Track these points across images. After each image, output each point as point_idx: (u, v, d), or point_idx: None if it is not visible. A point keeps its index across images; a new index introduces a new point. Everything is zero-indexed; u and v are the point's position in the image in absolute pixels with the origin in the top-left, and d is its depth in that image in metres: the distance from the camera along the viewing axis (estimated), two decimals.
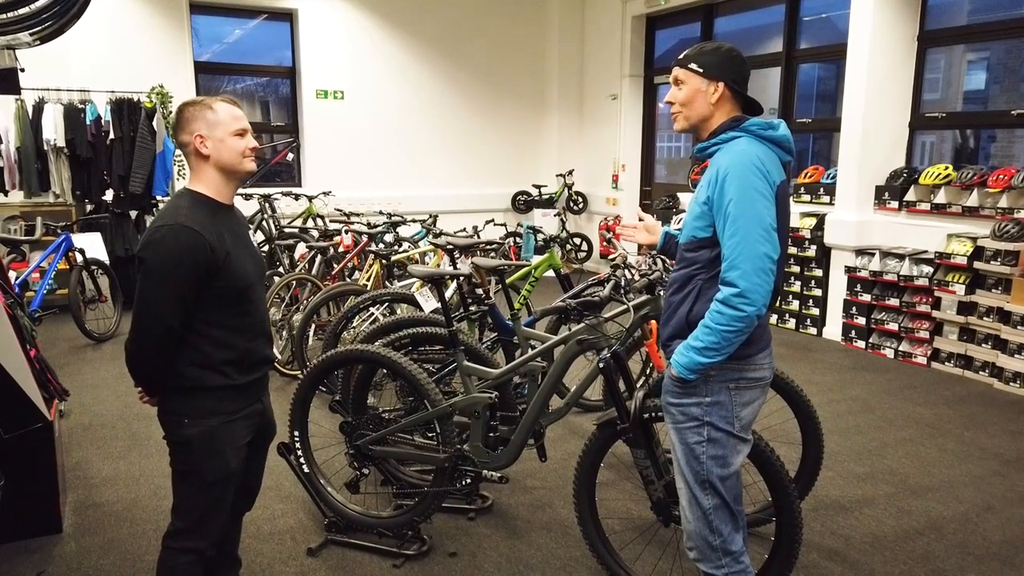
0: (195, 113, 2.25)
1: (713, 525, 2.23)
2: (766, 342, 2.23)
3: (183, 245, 2.13)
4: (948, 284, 5.88)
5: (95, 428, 4.61)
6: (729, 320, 2.04)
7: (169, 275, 2.13)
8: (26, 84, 5.86)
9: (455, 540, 3.32)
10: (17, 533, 3.26)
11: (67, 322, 6.54)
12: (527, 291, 5.32)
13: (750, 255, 2.03)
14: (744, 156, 2.08)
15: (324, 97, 9.49)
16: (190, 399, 2.26)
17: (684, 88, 2.22)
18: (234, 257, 2.24)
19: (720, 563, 2.25)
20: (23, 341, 3.38)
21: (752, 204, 2.04)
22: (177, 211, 2.20)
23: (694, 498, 2.24)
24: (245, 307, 2.32)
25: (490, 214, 9.40)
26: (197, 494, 2.32)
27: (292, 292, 5.79)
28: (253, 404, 2.39)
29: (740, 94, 2.22)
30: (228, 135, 2.26)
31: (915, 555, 3.24)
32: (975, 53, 7.27)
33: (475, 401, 3.13)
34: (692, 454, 2.22)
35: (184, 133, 2.26)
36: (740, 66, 2.21)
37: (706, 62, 2.19)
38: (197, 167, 2.29)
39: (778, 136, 2.17)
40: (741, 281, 2.02)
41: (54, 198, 7.55)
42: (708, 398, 2.18)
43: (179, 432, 2.28)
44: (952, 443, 4.48)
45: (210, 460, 2.28)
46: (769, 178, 2.09)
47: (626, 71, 9.81)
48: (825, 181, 7.29)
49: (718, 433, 2.18)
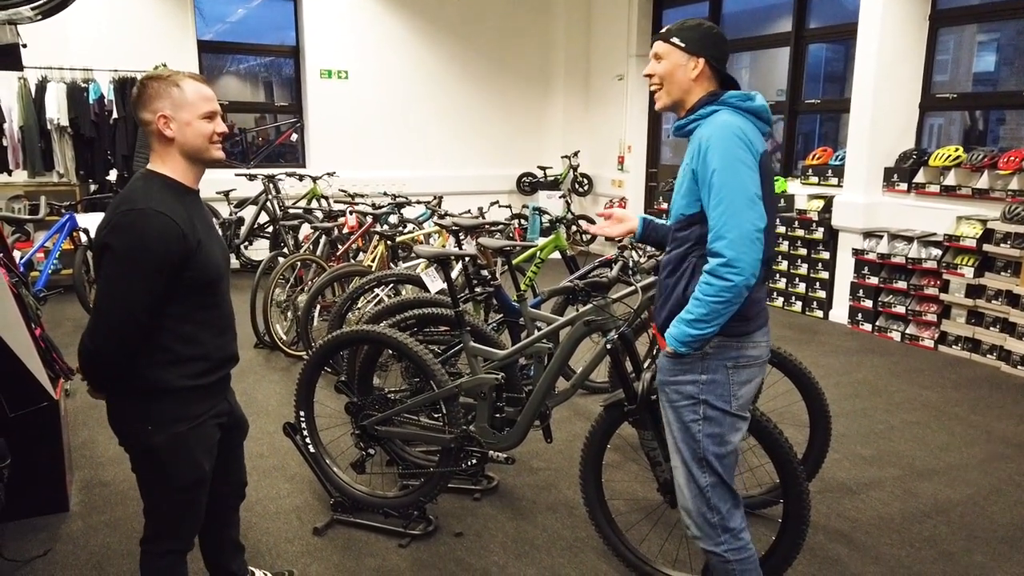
0: (159, 89, 2.04)
1: (711, 502, 2.23)
2: (764, 320, 2.22)
3: (154, 231, 1.95)
4: (957, 267, 5.83)
5: (101, 407, 4.56)
6: (718, 291, 2.02)
7: (138, 263, 1.95)
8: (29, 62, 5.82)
9: (461, 520, 3.32)
10: (25, 511, 3.27)
11: (72, 302, 6.55)
12: (533, 272, 5.30)
13: (736, 224, 2.01)
14: (726, 127, 2.08)
15: (328, 77, 9.42)
16: (151, 403, 2.09)
17: (664, 62, 2.21)
18: (205, 246, 2.08)
19: (719, 539, 2.24)
20: (28, 320, 3.37)
21: (736, 173, 2.03)
22: (146, 194, 2.00)
23: (691, 476, 2.24)
24: (214, 299, 2.17)
25: (495, 196, 9.33)
26: (166, 500, 2.19)
27: (297, 273, 5.78)
28: (219, 404, 2.25)
29: (719, 72, 2.22)
30: (195, 117, 2.06)
31: (922, 537, 3.23)
32: (985, 34, 7.18)
33: (481, 382, 3.12)
34: (688, 432, 2.22)
35: (146, 111, 2.05)
36: (721, 43, 2.21)
37: (688, 36, 2.18)
38: (160, 149, 2.09)
39: (756, 107, 2.17)
40: (727, 250, 2.00)
41: (58, 178, 7.53)
42: (704, 376, 2.17)
43: (142, 440, 2.10)
44: (959, 426, 4.47)
45: (180, 467, 2.13)
46: (752, 148, 2.08)
47: (633, 51, 9.72)
48: (833, 163, 7.22)
49: (714, 412, 2.18)
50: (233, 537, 2.62)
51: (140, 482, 2.22)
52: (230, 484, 2.49)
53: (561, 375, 3.09)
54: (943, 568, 3.01)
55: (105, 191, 7.75)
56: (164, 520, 2.23)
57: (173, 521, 2.23)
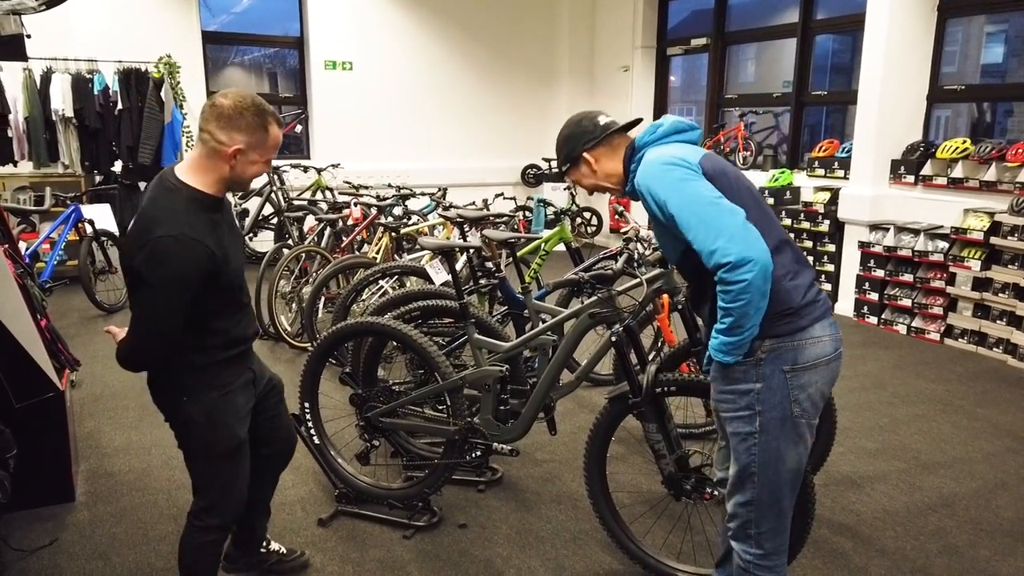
0: (252, 124, 2.09)
1: (753, 517, 2.12)
2: (822, 311, 2.06)
3: (187, 259, 2.04)
4: (963, 260, 5.80)
5: (106, 398, 4.64)
6: (736, 295, 1.88)
7: (174, 289, 2.06)
8: (33, 53, 5.84)
9: (465, 512, 3.32)
10: (31, 501, 3.28)
11: (77, 293, 6.56)
12: (538, 264, 5.29)
13: (717, 229, 1.90)
14: (648, 164, 2.08)
15: (333, 68, 9.40)
16: (185, 379, 2.25)
17: (581, 182, 2.31)
18: (231, 257, 2.21)
19: (750, 551, 2.16)
20: (33, 311, 3.38)
21: (684, 191, 1.97)
22: (174, 215, 2.06)
23: (741, 484, 2.12)
24: (236, 296, 2.31)
25: (499, 187, 9.35)
26: (211, 469, 2.33)
27: (301, 264, 5.78)
28: (245, 372, 2.39)
29: (609, 136, 2.23)
30: (261, 160, 2.18)
31: (927, 531, 3.22)
32: (994, 25, 7.13)
33: (486, 374, 3.12)
34: (743, 445, 2.07)
35: (223, 133, 2.08)
36: (577, 128, 2.25)
37: (563, 157, 2.30)
38: (210, 164, 2.13)
39: (667, 128, 2.17)
40: (726, 257, 1.87)
41: (63, 169, 7.53)
42: (759, 384, 2.01)
43: (180, 412, 2.27)
44: (965, 419, 4.46)
45: (216, 433, 2.28)
46: (685, 163, 2.02)
47: (638, 42, 9.67)
48: (840, 155, 7.19)
49: (772, 423, 2.02)
50: (265, 498, 2.74)
51: (186, 457, 2.36)
52: (277, 444, 2.62)
53: (566, 367, 3.09)
54: (948, 562, 3.00)
55: (110, 182, 7.76)
56: (211, 491, 2.35)
57: (219, 492, 2.35)
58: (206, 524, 2.35)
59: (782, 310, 1.99)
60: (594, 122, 2.25)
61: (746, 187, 2.12)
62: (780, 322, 1.99)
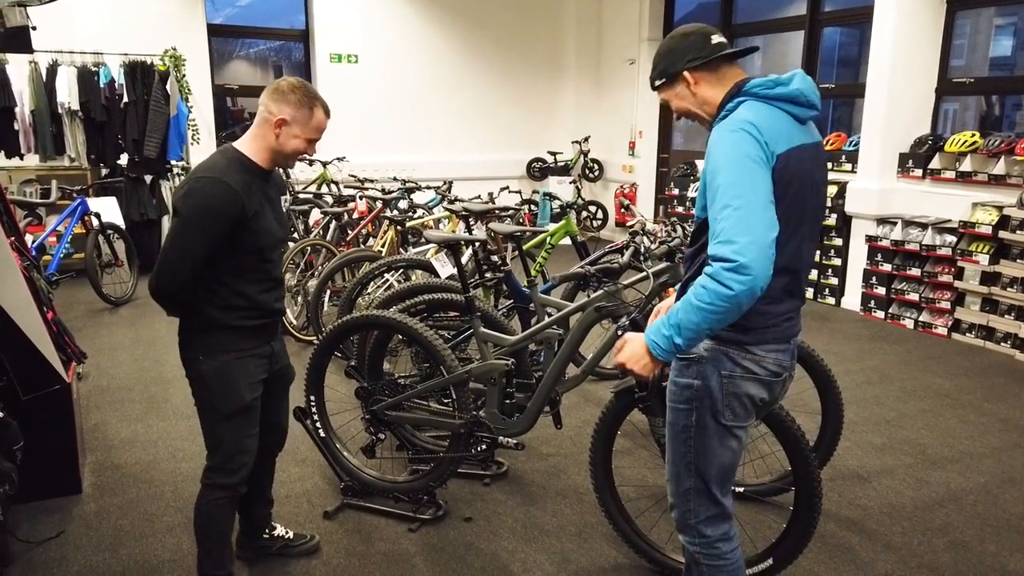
0: (302, 102, 2.35)
1: (691, 506, 2.13)
2: (773, 336, 1.98)
3: (216, 195, 2.27)
4: (972, 254, 5.77)
5: (113, 391, 4.65)
6: (713, 297, 1.75)
7: (198, 220, 2.27)
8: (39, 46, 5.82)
9: (470, 505, 3.32)
10: (38, 493, 3.29)
11: (84, 286, 6.58)
12: (543, 258, 5.28)
13: (747, 228, 1.75)
14: (734, 123, 1.87)
15: (338, 61, 9.39)
16: (205, 337, 2.43)
17: (672, 103, 2.11)
18: (262, 217, 2.38)
19: (693, 540, 2.16)
20: (40, 304, 3.39)
21: (742, 172, 1.80)
22: (216, 166, 2.33)
23: (677, 476, 2.13)
24: (263, 264, 2.45)
25: (505, 181, 9.30)
26: (217, 426, 2.48)
27: (307, 258, 5.78)
28: (263, 346, 2.53)
29: (717, 60, 1.99)
30: (303, 137, 2.38)
31: (934, 526, 3.21)
32: (1003, 18, 7.08)
33: (491, 368, 3.11)
34: (680, 436, 2.09)
35: (274, 103, 2.34)
36: (684, 42, 2.01)
37: (660, 69, 2.06)
38: (260, 134, 2.39)
39: (789, 92, 1.92)
40: (736, 256, 1.73)
41: (69, 162, 7.54)
42: (698, 381, 2.01)
43: (195, 368, 2.44)
44: (972, 414, 4.44)
45: (224, 393, 2.44)
46: (761, 144, 1.84)
47: (645, 35, 9.62)
48: (847, 148, 7.15)
49: (705, 421, 2.02)
50: (264, 486, 2.84)
51: (198, 412, 2.52)
52: (271, 429, 2.71)
53: (571, 361, 3.08)
54: (955, 557, 2.99)
55: (116, 175, 7.76)
56: (218, 450, 2.51)
57: (226, 451, 2.50)
58: (213, 482, 2.51)
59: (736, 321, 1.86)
60: (705, 38, 2.00)
61: (812, 206, 1.99)
62: (728, 330, 1.92)
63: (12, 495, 2.64)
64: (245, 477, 2.55)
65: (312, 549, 2.95)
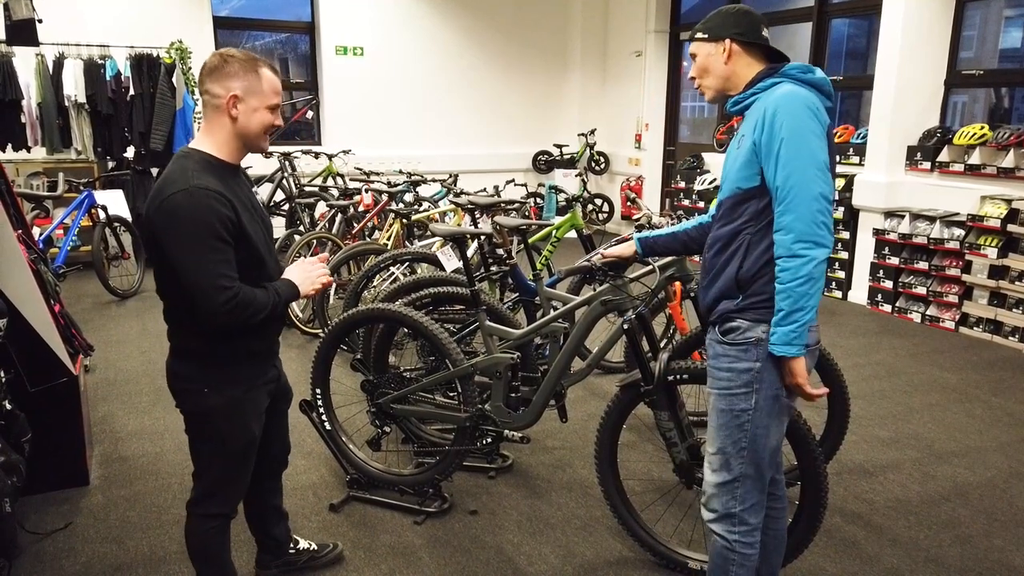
0: (239, 70, 2.07)
1: (738, 493, 2.17)
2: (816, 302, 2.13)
3: (200, 205, 1.99)
4: (980, 247, 5.74)
5: (120, 383, 4.67)
6: (797, 270, 1.94)
7: (198, 236, 1.99)
8: (45, 39, 5.84)
9: (476, 498, 3.33)
10: (46, 485, 3.31)
11: (91, 278, 6.60)
12: (549, 251, 5.27)
13: (806, 196, 1.94)
14: (794, 96, 2.01)
15: (344, 54, 9.37)
16: (210, 367, 2.19)
17: (698, 58, 2.20)
18: (245, 223, 2.11)
19: (734, 528, 2.19)
20: (47, 297, 3.40)
21: (806, 142, 1.96)
22: (184, 173, 2.03)
23: (727, 464, 2.16)
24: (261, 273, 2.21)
25: (510, 174, 9.31)
26: (220, 463, 2.29)
27: (312, 251, 5.78)
28: (269, 370, 2.36)
29: (756, 46, 2.15)
30: (263, 107, 2.11)
31: (940, 520, 3.20)
32: (1013, 9, 7.01)
33: (497, 361, 3.11)
34: (736, 420, 2.13)
35: (217, 85, 2.07)
36: (743, 18, 2.15)
37: (709, 26, 2.17)
38: (215, 124, 2.12)
39: (817, 79, 2.10)
40: (798, 224, 1.93)
41: (76, 155, 7.55)
42: (759, 363, 2.08)
43: (199, 402, 2.21)
44: (979, 408, 4.42)
45: (234, 429, 2.24)
46: (820, 117, 2.01)
47: (651, 27, 9.58)
48: (855, 141, 7.11)
49: (767, 400, 2.10)
50: (276, 504, 2.70)
51: (192, 444, 2.31)
52: (274, 451, 2.56)
53: (577, 355, 3.08)
54: (961, 551, 2.98)
55: (123, 168, 7.78)
56: (213, 483, 2.31)
57: (222, 484, 2.31)
58: (207, 512, 2.32)
59: None
60: (759, 25, 2.16)
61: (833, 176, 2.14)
62: None
63: (20, 487, 2.65)
64: (238, 502, 2.40)
65: (338, 557, 2.87)
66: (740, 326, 2.09)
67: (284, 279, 2.27)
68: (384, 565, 2.86)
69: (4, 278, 3.00)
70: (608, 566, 2.88)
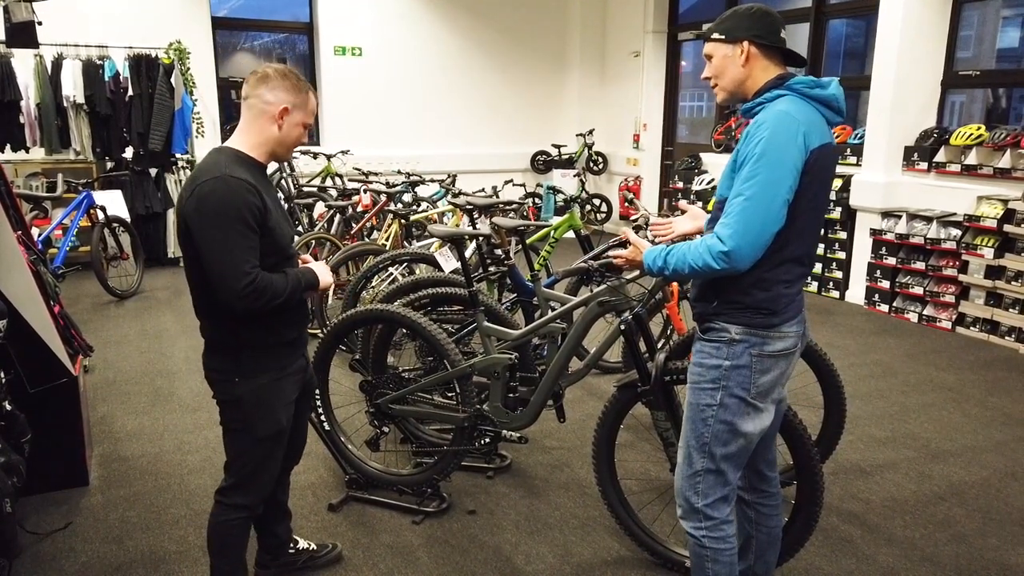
0: (298, 87, 2.26)
1: (699, 488, 2.20)
2: (794, 312, 2.14)
3: (233, 191, 2.11)
4: (976, 247, 5.76)
5: (119, 384, 4.68)
6: (703, 265, 2.01)
7: (228, 220, 2.10)
8: (44, 39, 5.83)
9: (474, 498, 3.34)
10: (45, 485, 3.32)
11: (90, 279, 6.61)
12: (547, 252, 5.28)
13: (749, 219, 1.94)
14: (781, 117, 1.99)
15: (342, 54, 9.38)
16: (240, 357, 2.28)
17: (714, 59, 2.17)
18: (272, 214, 2.23)
19: (699, 524, 2.22)
20: (47, 297, 3.41)
21: (774, 168, 1.94)
22: (218, 164, 2.17)
23: (689, 458, 2.21)
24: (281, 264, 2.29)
25: (509, 174, 9.32)
26: (249, 451, 2.36)
27: (311, 251, 5.79)
28: (298, 360, 2.43)
29: (774, 49, 2.12)
30: (301, 124, 2.29)
31: (936, 520, 3.22)
32: (1010, 9, 7.03)
33: (495, 362, 3.12)
34: (701, 415, 2.17)
35: (272, 93, 2.21)
36: (762, 19, 2.10)
37: (726, 27, 2.13)
38: (257, 127, 2.25)
39: (826, 95, 2.07)
40: (730, 241, 1.95)
41: (75, 155, 7.56)
42: (728, 361, 2.11)
43: (230, 391, 2.29)
44: (976, 408, 4.44)
45: (261, 417, 2.31)
46: (803, 145, 1.97)
47: (649, 27, 9.60)
48: (852, 141, 7.13)
49: (731, 399, 2.12)
50: (282, 501, 2.73)
51: (225, 434, 2.38)
52: (295, 443, 2.61)
53: (575, 355, 3.09)
54: (957, 550, 3.00)
55: (121, 168, 7.78)
56: (243, 471, 2.38)
57: (250, 473, 2.38)
58: (233, 502, 2.39)
59: (763, 308, 2.08)
60: (777, 28, 2.11)
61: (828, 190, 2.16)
62: (757, 316, 2.09)
63: (20, 487, 2.66)
64: (265, 497, 2.47)
65: (337, 557, 2.89)
66: (715, 327, 2.14)
67: (306, 267, 2.38)
68: (383, 565, 2.87)
69: (4, 279, 3.00)
70: (606, 565, 2.89)
